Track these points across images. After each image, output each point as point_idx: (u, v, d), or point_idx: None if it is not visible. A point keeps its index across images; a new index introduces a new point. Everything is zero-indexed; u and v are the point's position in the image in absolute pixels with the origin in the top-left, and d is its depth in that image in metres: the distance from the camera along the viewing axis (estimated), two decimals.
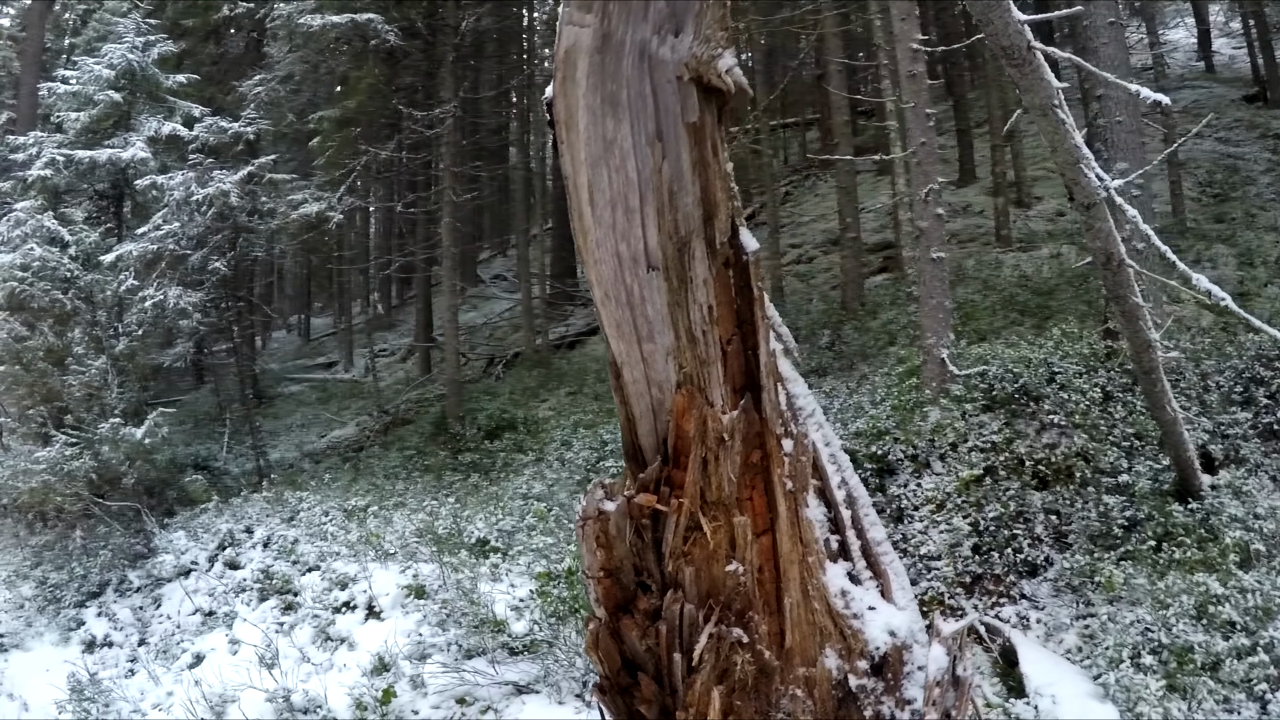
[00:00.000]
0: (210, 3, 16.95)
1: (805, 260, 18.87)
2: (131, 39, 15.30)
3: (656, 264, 2.89)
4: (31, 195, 14.26)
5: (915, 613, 3.40)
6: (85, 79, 14.77)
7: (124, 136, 14.48)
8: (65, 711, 7.68)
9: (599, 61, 2.70)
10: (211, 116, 14.80)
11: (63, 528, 12.29)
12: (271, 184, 13.74)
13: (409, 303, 29.74)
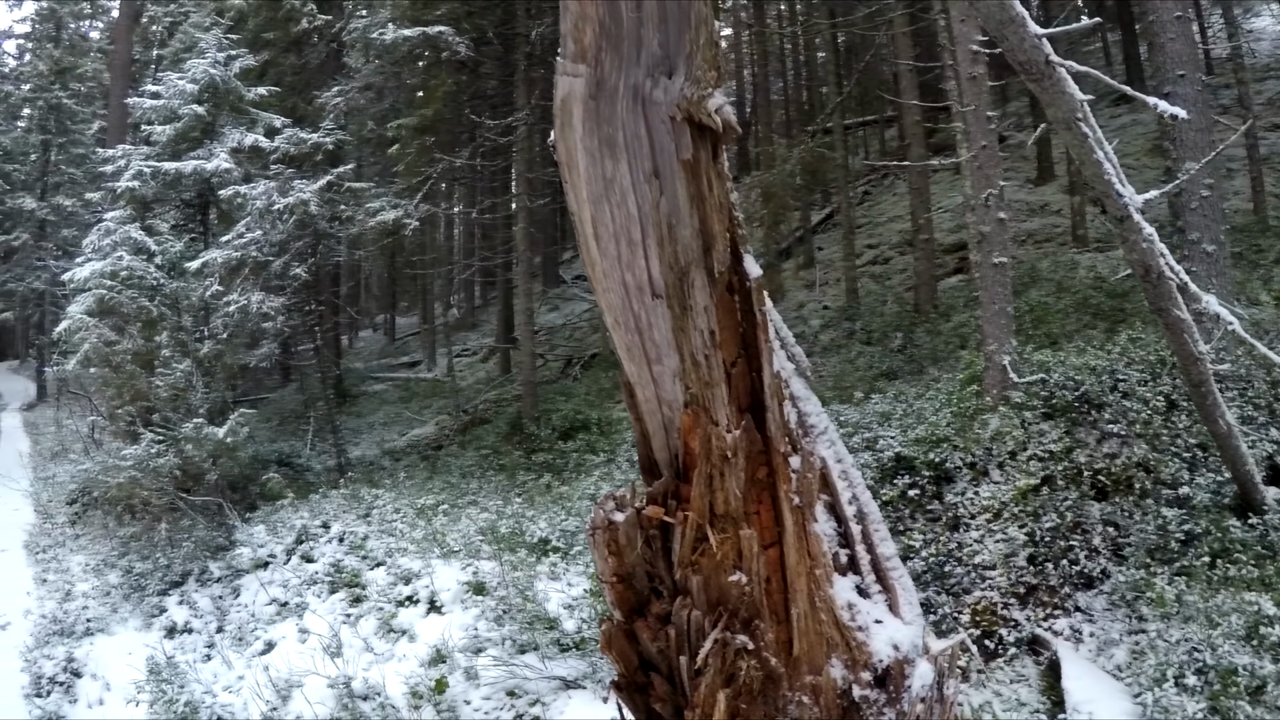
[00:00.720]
0: (290, 15, 17.61)
1: (881, 261, 18.76)
2: (213, 54, 16.05)
3: (660, 292, 3.08)
4: (121, 205, 15.13)
5: (921, 627, 3.51)
6: (170, 93, 15.56)
7: (208, 148, 15.21)
8: (144, 692, 8.24)
9: (594, 107, 2.91)
10: (292, 127, 15.45)
11: (149, 520, 13.10)
12: (350, 192, 14.22)
13: (491, 303, 30.42)
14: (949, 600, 7.05)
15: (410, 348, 31.33)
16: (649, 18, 2.87)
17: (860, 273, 18.30)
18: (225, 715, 7.17)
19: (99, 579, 12.25)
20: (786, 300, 19.70)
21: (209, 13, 19.22)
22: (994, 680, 6.37)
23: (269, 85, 17.92)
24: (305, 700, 6.78)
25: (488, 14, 14.30)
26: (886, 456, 8.32)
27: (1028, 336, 10.74)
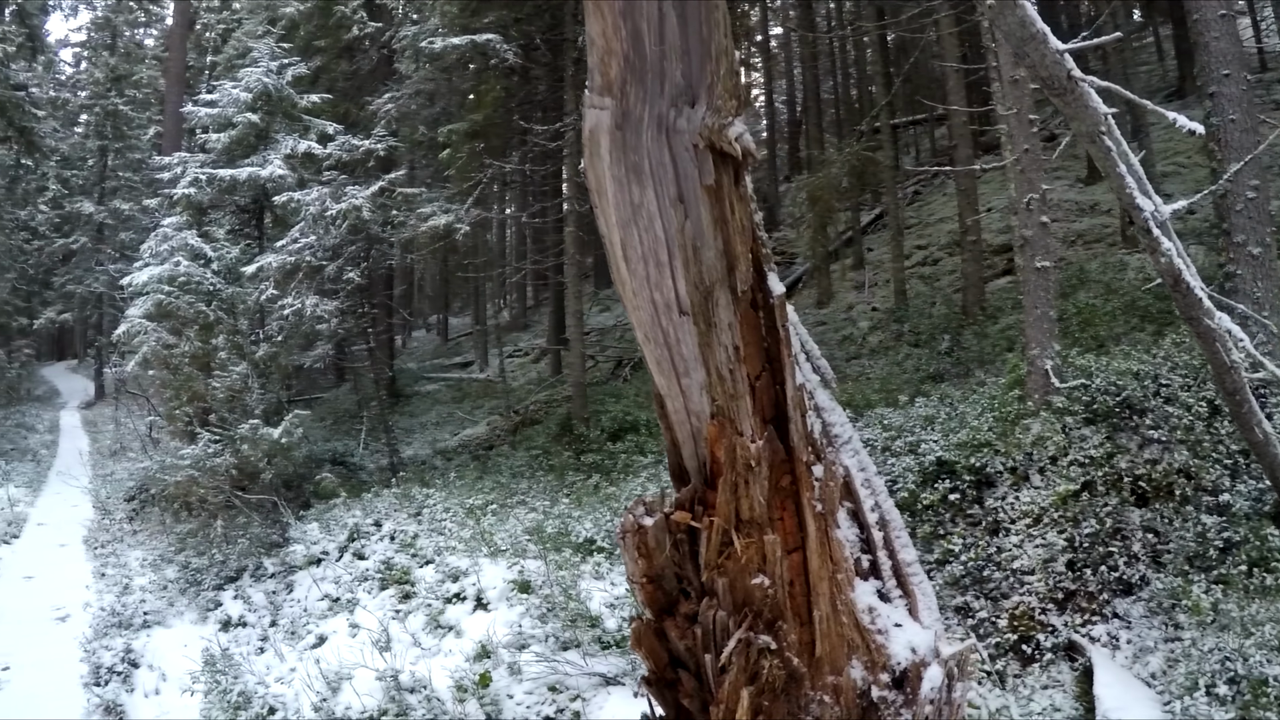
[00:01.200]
0: (341, 22, 18.05)
1: (931, 262, 18.71)
2: (266, 63, 16.54)
3: (687, 310, 3.28)
4: (178, 211, 15.66)
5: (934, 632, 3.66)
6: (225, 101, 16.06)
7: (263, 154, 15.69)
8: (199, 682, 8.65)
9: (620, 137, 3.11)
10: (344, 134, 15.87)
11: (205, 517, 13.53)
12: (402, 197, 14.55)
13: (544, 304, 30.80)
14: (987, 605, 7.10)
15: (463, 348, 31.78)
16: (672, 51, 3.06)
17: (910, 274, 18.28)
18: (277, 705, 7.47)
19: (156, 574, 12.72)
20: (836, 302, 19.74)
21: (261, 21, 19.78)
22: (1029, 686, 6.41)
23: (321, 91, 18.36)
24: (354, 692, 7.08)
25: (535, 20, 14.56)
26: (928, 460, 8.38)
27: (1074, 339, 10.70)
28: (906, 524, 8.04)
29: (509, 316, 32.32)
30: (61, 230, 40.50)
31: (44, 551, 14.37)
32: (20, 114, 25.17)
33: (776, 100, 36.42)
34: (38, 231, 40.80)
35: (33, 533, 15.52)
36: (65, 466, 21.83)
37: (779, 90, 35.72)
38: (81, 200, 38.59)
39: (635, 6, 3.01)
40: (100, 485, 19.24)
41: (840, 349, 16.65)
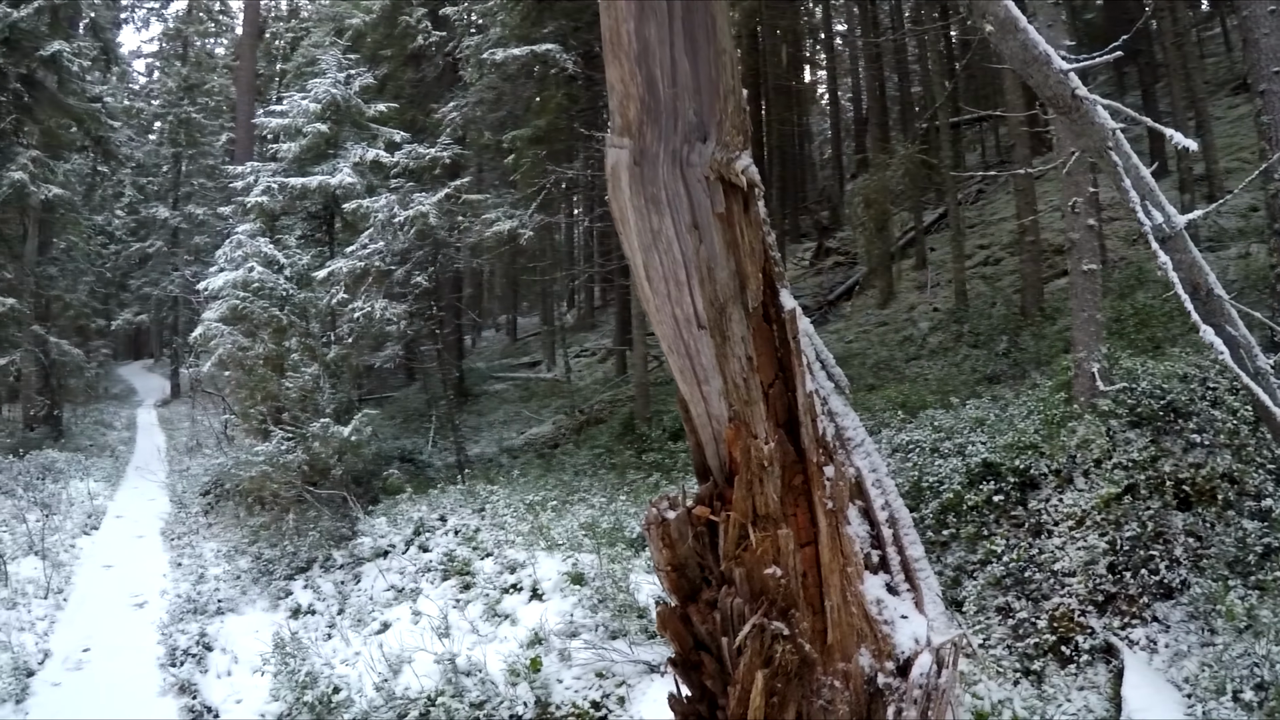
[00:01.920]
0: (406, 32, 18.66)
1: (992, 262, 18.72)
2: (334, 74, 17.15)
3: (704, 324, 3.65)
4: (251, 219, 16.42)
5: (943, 624, 3.98)
6: (294, 112, 16.77)
7: (332, 163, 16.30)
8: (269, 663, 9.24)
9: (639, 172, 3.51)
10: (411, 142, 16.43)
11: (278, 511, 14.16)
12: (467, 204, 15.00)
13: (610, 305, 31.29)
14: (1028, 605, 7.21)
15: (531, 348, 32.35)
16: (684, 92, 3.44)
17: (971, 274, 18.32)
18: (341, 685, 7.97)
19: (230, 564, 13.34)
20: (898, 302, 19.86)
21: (328, 32, 20.56)
22: (1065, 686, 6.53)
23: (389, 99, 18.96)
24: (413, 674, 7.57)
25: (594, 29, 14.88)
26: (974, 462, 8.50)
27: (1130, 340, 10.77)
28: (951, 524, 8.37)
29: (575, 317, 32.87)
30: (138, 235, 41.96)
31: (122, 542, 15.07)
32: (96, 124, 26.42)
33: (842, 98, 36.41)
34: (115, 236, 42.34)
35: (111, 524, 16.26)
36: (143, 462, 22.81)
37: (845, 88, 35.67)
38: (157, 206, 40.10)
39: (650, 55, 3.40)
40: (177, 480, 20.05)
41: (900, 350, 16.78)
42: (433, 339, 18.11)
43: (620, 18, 3.36)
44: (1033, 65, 4.11)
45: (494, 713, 6.87)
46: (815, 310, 22.06)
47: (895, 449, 9.76)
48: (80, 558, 13.88)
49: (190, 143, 39.99)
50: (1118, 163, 4.38)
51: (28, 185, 21.87)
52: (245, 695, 9.01)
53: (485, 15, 15.27)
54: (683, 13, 3.37)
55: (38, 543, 13.40)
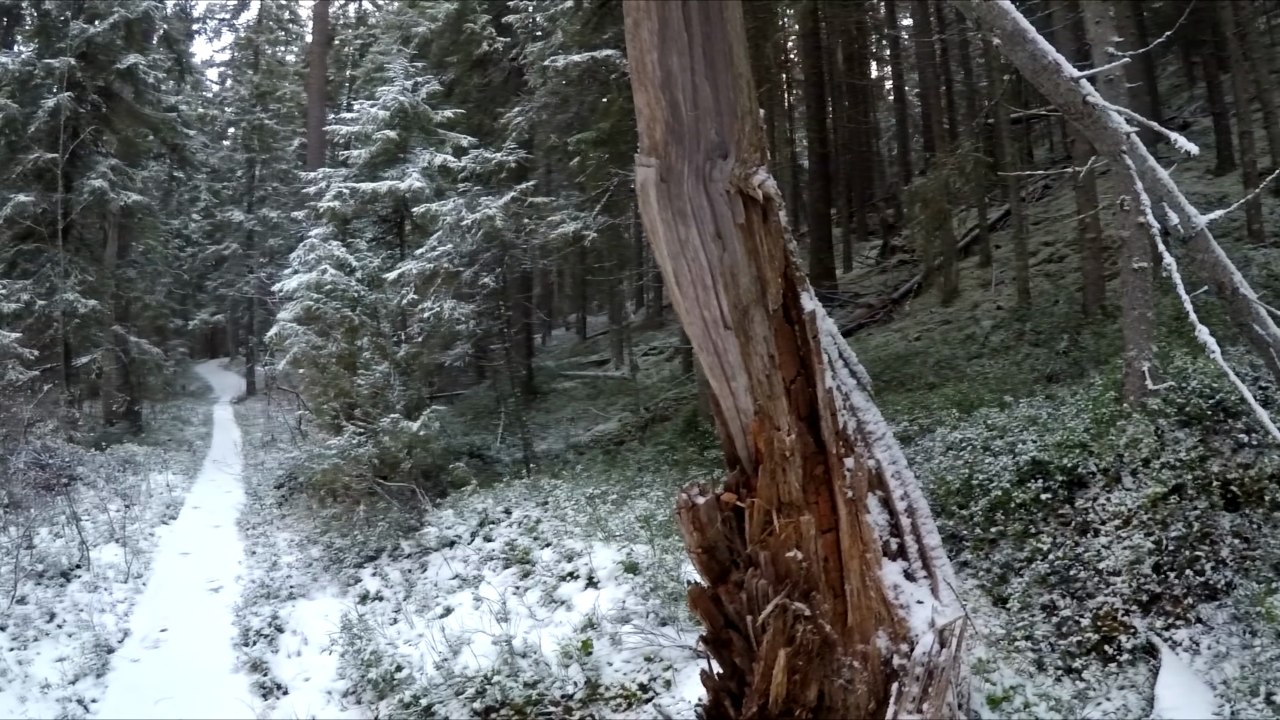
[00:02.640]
0: (471, 38, 19.18)
1: (1056, 259, 18.62)
2: (401, 82, 17.72)
3: (730, 325, 4.01)
4: (323, 223, 17.13)
5: (956, 609, 4.27)
6: (364, 119, 17.40)
7: (401, 168, 16.87)
8: (336, 644, 9.79)
9: (665, 188, 3.88)
10: (478, 147, 16.88)
11: (349, 503, 14.71)
12: (533, 206, 15.36)
13: None
14: (1072, 604, 7.25)
15: (600, 346, 32.67)
16: (705, 114, 3.81)
17: (1035, 271, 18.24)
18: (403, 664, 8.45)
19: (302, 553, 13.92)
20: (961, 300, 19.84)
21: (395, 40, 21.25)
22: (1106, 685, 6.58)
23: (456, 103, 19.46)
24: (472, 654, 8.00)
25: None
26: (1024, 460, 8.54)
27: (1187, 339, 10.70)
28: (999, 522, 8.55)
29: (643, 316, 33.24)
30: (213, 237, 43.16)
31: (199, 531, 15.73)
32: (172, 132, 27.58)
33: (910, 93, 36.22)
34: (191, 239, 43.67)
35: (189, 515, 16.96)
36: (220, 456, 23.63)
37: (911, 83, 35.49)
38: (231, 209, 41.27)
39: (673, 81, 3.77)
40: (252, 473, 20.82)
41: (962, 348, 16.79)
42: (501, 338, 18.47)
43: (644, 49, 3.73)
44: (1043, 74, 4.33)
45: (546, 692, 7.27)
46: (880, 308, 22.12)
47: (949, 446, 9.85)
48: (159, 546, 14.53)
49: (263, 148, 41.19)
50: (1131, 166, 4.59)
51: (107, 192, 22.80)
52: (313, 673, 9.54)
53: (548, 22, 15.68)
54: (702, 41, 3.72)
55: (118, 531, 14.04)
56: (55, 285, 22.17)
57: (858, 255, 29.33)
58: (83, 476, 17.12)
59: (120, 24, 23.26)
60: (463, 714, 7.44)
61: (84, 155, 23.63)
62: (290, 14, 48.33)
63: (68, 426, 20.07)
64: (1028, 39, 4.30)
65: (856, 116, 32.46)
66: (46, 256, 22.98)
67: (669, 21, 3.69)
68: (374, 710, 8.20)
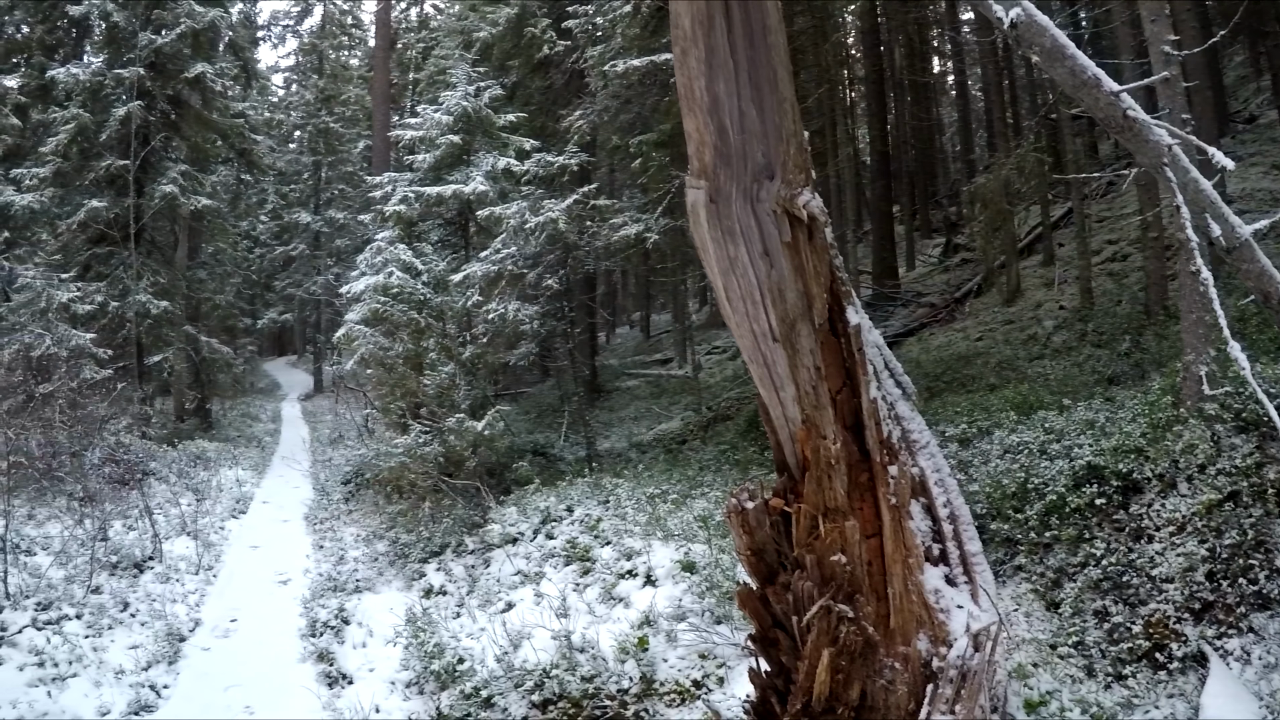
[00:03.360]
0: (532, 42, 19.50)
1: (1120, 258, 18.40)
2: (464, 87, 18.08)
3: (778, 338, 4.22)
4: (389, 226, 17.61)
5: (992, 615, 4.42)
6: (428, 124, 17.84)
7: (465, 172, 17.26)
8: (401, 636, 10.11)
9: (714, 208, 4.10)
10: (540, 151, 17.14)
11: (414, 499, 15.03)
12: (595, 209, 15.58)
13: None
14: (1125, 610, 7.26)
15: (664, 345, 32.80)
16: (752, 137, 4.02)
17: (1099, 270, 18.06)
18: (465, 656, 8.75)
19: (368, 548, 14.26)
20: (1024, 300, 19.69)
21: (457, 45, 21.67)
22: (1155, 693, 6.60)
23: (518, 105, 19.78)
24: (532, 649, 8.28)
25: None
26: (1079, 465, 8.53)
27: (1251, 341, 10.54)
28: (1054, 526, 8.59)
29: (706, 315, 33.37)
30: (281, 238, 44.29)
31: (268, 526, 16.20)
32: (240, 138, 28.39)
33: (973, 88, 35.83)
34: (259, 240, 44.82)
35: (258, 509, 17.47)
36: (288, 452, 24.22)
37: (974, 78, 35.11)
38: (299, 211, 42.31)
39: (720, 107, 3.99)
40: (319, 469, 21.28)
41: (1024, 349, 16.70)
42: (565, 338, 18.66)
43: (692, 76, 3.96)
44: (1082, 90, 4.43)
45: (602, 686, 7.51)
46: (942, 308, 22.03)
47: (1006, 450, 9.84)
48: (229, 539, 15.04)
49: (329, 151, 42.04)
50: (1173, 178, 4.68)
51: (178, 197, 23.50)
52: (378, 664, 9.86)
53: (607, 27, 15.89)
54: (748, 67, 3.94)
55: (190, 524, 14.61)
56: (128, 287, 22.84)
57: (921, 253, 29.16)
58: (155, 472, 17.64)
59: (187, 34, 23.92)
60: (521, 706, 7.71)
61: (155, 161, 24.34)
62: (353, 19, 49.32)
63: (140, 423, 20.64)
64: (1066, 55, 4.39)
65: (919, 113, 32.24)
66: (119, 259, 23.65)
67: (716, 49, 3.91)
68: (436, 701, 8.47)
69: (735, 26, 3.90)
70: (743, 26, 3.91)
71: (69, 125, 23.15)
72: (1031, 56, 4.57)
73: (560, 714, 7.46)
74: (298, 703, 8.94)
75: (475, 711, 7.94)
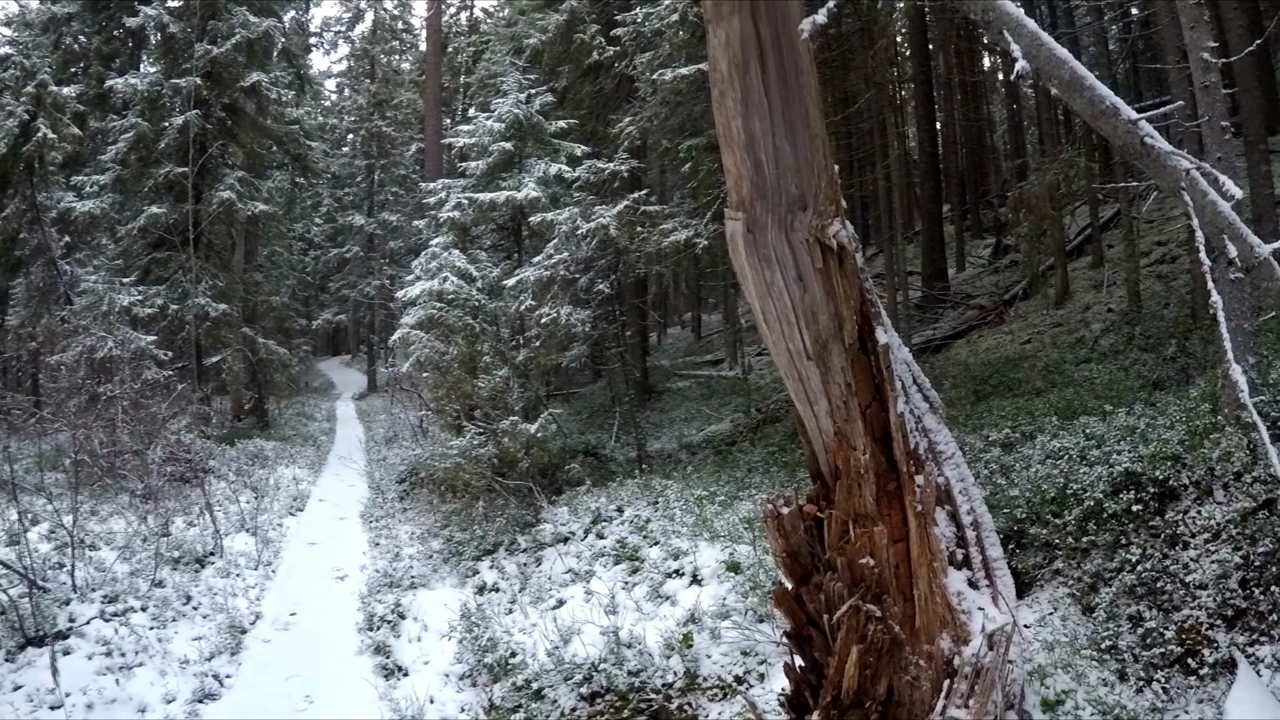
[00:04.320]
0: (582, 48, 19.86)
1: (1169, 260, 18.36)
2: (515, 94, 18.54)
3: (812, 356, 4.58)
4: (443, 232, 18.12)
5: (1007, 616, 4.72)
6: (480, 132, 18.31)
7: (517, 178, 17.74)
8: (455, 630, 10.56)
9: (751, 238, 4.47)
10: (591, 157, 17.53)
11: (468, 499, 15.46)
12: (645, 215, 15.84)
13: None
14: (1158, 615, 7.34)
15: (715, 345, 32.92)
16: (786, 171, 4.38)
17: (1147, 272, 18.03)
18: (517, 650, 9.17)
19: (423, 545, 14.67)
20: (1073, 302, 19.69)
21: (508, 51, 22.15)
22: (1186, 699, 6.69)
23: (569, 109, 20.17)
24: (581, 643, 8.68)
25: None
26: (1117, 471, 8.63)
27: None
28: (1091, 532, 8.75)
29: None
30: (335, 240, 45.18)
31: (325, 523, 16.66)
32: (295, 144, 29.09)
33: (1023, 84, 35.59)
34: (314, 242, 45.84)
35: (315, 507, 17.92)
36: (344, 451, 24.82)
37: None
38: (353, 214, 43.15)
39: (756, 144, 4.36)
40: (375, 468, 21.78)
41: (1071, 352, 16.70)
42: (616, 341, 18.97)
43: (730, 115, 4.33)
44: (1101, 119, 4.63)
45: (648, 680, 7.89)
46: (991, 310, 22.06)
47: (1048, 455, 9.99)
48: (287, 536, 15.46)
49: (381, 154, 42.77)
50: (1190, 202, 4.90)
51: (235, 203, 24.21)
52: (432, 657, 10.29)
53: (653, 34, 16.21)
54: (782, 107, 4.30)
55: (249, 521, 15.10)
56: (187, 290, 23.58)
57: (971, 254, 29.15)
58: (214, 470, 18.26)
59: (242, 44, 24.64)
60: (570, 698, 8.10)
61: (212, 168, 25.10)
62: (404, 23, 50.06)
63: (200, 423, 21.13)
64: (1085, 86, 4.55)
65: (969, 112, 32.18)
66: (178, 263, 24.39)
67: (751, 90, 4.27)
68: (488, 693, 8.89)
69: (769, 69, 4.25)
70: (776, 69, 4.25)
71: (128, 134, 24.01)
72: (1051, 88, 4.79)
73: (607, 706, 7.84)
74: (355, 693, 9.38)
75: (526, 703, 8.34)
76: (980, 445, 11.17)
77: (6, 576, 9.92)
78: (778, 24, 4.25)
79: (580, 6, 19.98)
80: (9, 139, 23.23)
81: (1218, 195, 5.18)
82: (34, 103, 23.09)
